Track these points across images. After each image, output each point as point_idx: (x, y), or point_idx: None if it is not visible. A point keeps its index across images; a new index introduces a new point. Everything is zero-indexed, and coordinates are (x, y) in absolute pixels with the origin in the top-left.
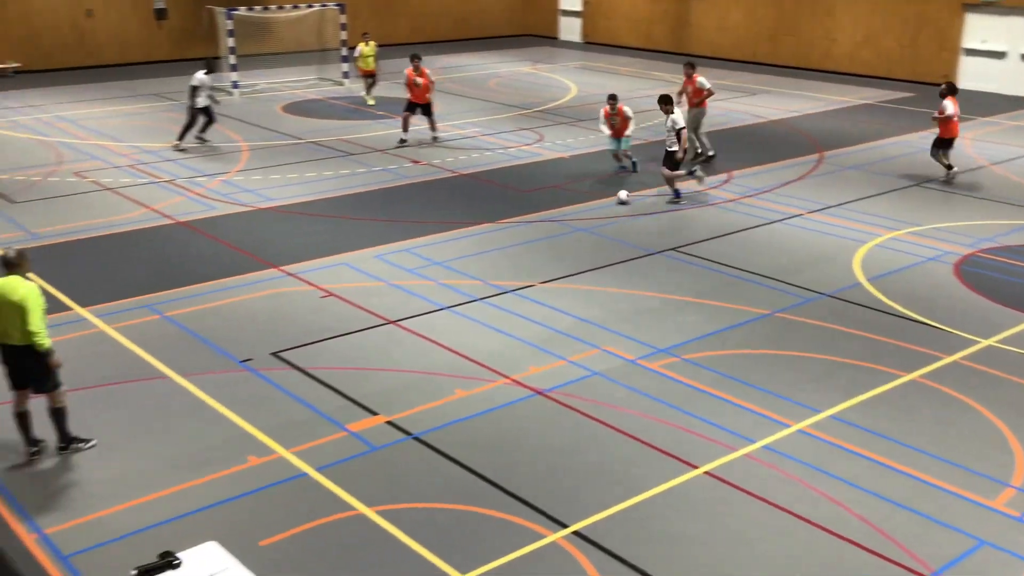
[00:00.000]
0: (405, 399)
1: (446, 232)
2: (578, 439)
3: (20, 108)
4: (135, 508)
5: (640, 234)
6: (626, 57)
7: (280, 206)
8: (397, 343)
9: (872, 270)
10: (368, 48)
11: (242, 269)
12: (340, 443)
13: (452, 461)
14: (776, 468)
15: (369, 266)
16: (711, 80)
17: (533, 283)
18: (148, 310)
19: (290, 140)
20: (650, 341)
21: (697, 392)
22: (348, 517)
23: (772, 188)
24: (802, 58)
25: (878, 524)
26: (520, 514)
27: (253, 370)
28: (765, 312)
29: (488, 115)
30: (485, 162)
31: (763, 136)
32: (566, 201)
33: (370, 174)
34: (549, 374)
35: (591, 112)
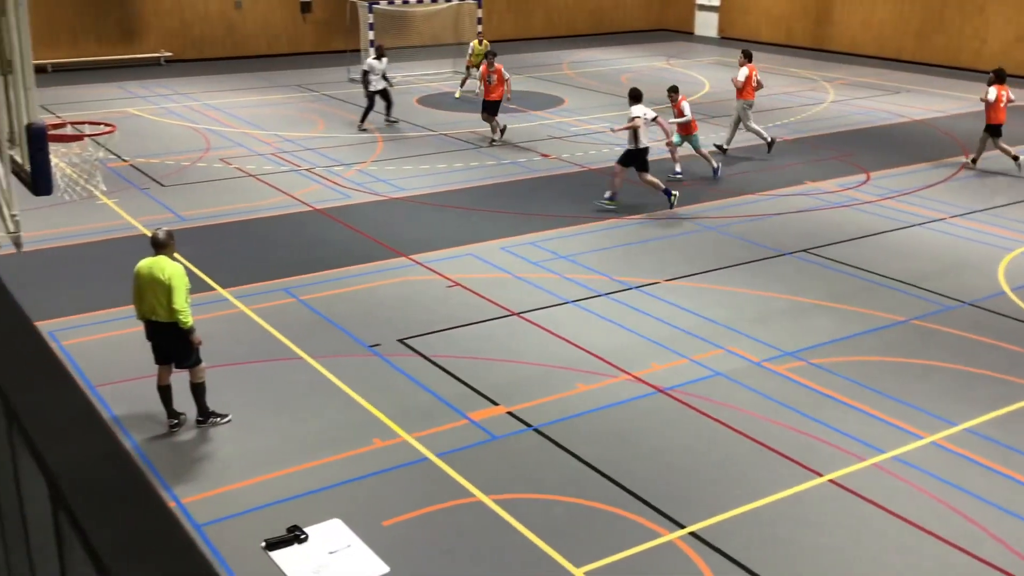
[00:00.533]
0: (526, 391)
1: (572, 226)
2: (698, 439)
3: (172, 96)
4: (265, 483)
5: (770, 234)
6: (763, 53)
7: (411, 196)
8: (520, 335)
9: (1018, 279)
10: (480, 47)
11: (373, 257)
12: (461, 431)
13: (571, 454)
14: (906, 480)
15: (495, 257)
16: (856, 77)
17: (658, 280)
18: (284, 293)
19: (423, 132)
20: (776, 343)
21: (824, 398)
22: (466, 503)
23: (913, 190)
24: (950, 57)
25: (1014, 545)
26: (637, 511)
27: (380, 355)
28: (900, 319)
29: (619, 110)
30: (615, 157)
31: (905, 136)
32: (695, 199)
33: (499, 167)
34: (671, 372)
35: (723, 109)
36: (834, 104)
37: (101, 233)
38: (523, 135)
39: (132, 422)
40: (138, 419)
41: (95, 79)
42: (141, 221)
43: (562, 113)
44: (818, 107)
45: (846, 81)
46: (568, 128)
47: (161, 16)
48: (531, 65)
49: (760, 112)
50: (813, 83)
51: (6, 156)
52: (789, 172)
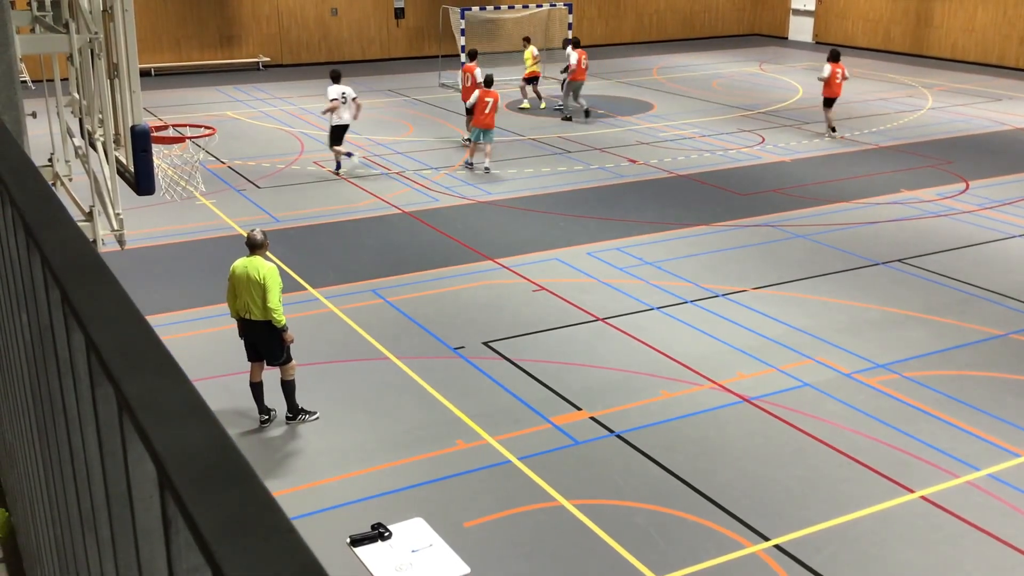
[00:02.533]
0: (609, 396)
1: (659, 232)
2: (785, 450)
3: (269, 100)
4: (351, 480)
5: (863, 243)
6: (859, 58)
7: (498, 200)
8: (604, 340)
9: None
10: (528, 52)
11: (460, 260)
12: (544, 435)
13: (653, 462)
14: (1001, 499)
15: (581, 263)
16: (957, 83)
17: (746, 288)
18: (372, 294)
19: (512, 136)
20: (868, 355)
21: (917, 412)
22: (548, 507)
23: (1014, 200)
24: None
25: None
26: (720, 522)
27: (465, 357)
28: (999, 333)
29: (709, 116)
30: (703, 163)
31: (1006, 144)
32: (785, 206)
33: (587, 172)
34: (758, 382)
35: (817, 115)
36: (932, 111)
37: (199, 232)
38: (611, 140)
39: (225, 417)
40: (230, 414)
41: (196, 83)
42: (237, 221)
43: (651, 119)
44: (916, 114)
45: (946, 87)
46: (657, 134)
47: (260, 22)
48: (621, 70)
49: (858, 118)
50: (911, 89)
51: (112, 156)
52: (884, 180)
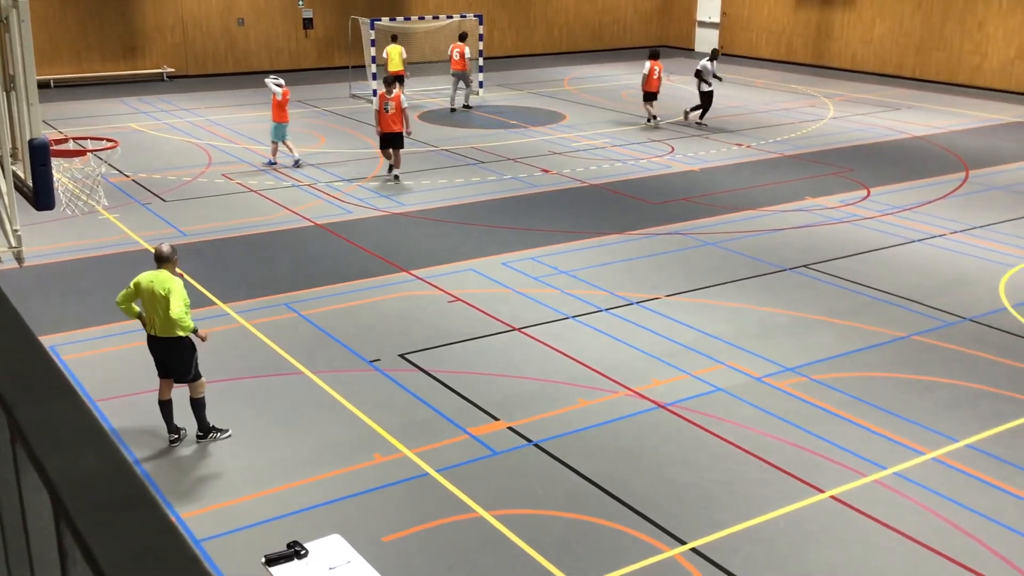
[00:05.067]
0: (527, 406)
1: (573, 242)
2: (699, 455)
3: (174, 111)
4: (266, 498)
5: (771, 250)
6: (763, 69)
7: (412, 212)
8: (521, 350)
9: (1019, 295)
10: (393, 48)
11: (374, 272)
12: (462, 446)
13: (572, 470)
14: (907, 497)
15: (496, 273)
16: (857, 93)
17: (659, 295)
18: (285, 308)
19: (424, 147)
20: (777, 359)
21: (826, 414)
22: (467, 519)
23: (913, 206)
24: (951, 73)
25: (1016, 562)
26: (638, 527)
27: (381, 370)
28: (901, 335)
29: (620, 126)
30: (615, 173)
31: (905, 152)
32: (695, 214)
33: (500, 182)
34: (672, 388)
35: (725, 124)
36: (834, 120)
37: (102, 248)
38: (524, 150)
39: (132, 437)
40: (138, 434)
41: (98, 95)
42: (143, 236)
43: (563, 129)
44: (819, 123)
45: (846, 97)
46: (569, 144)
47: (163, 32)
48: (532, 81)
49: (763, 128)
50: (813, 99)
51: (8, 171)
52: (790, 188)
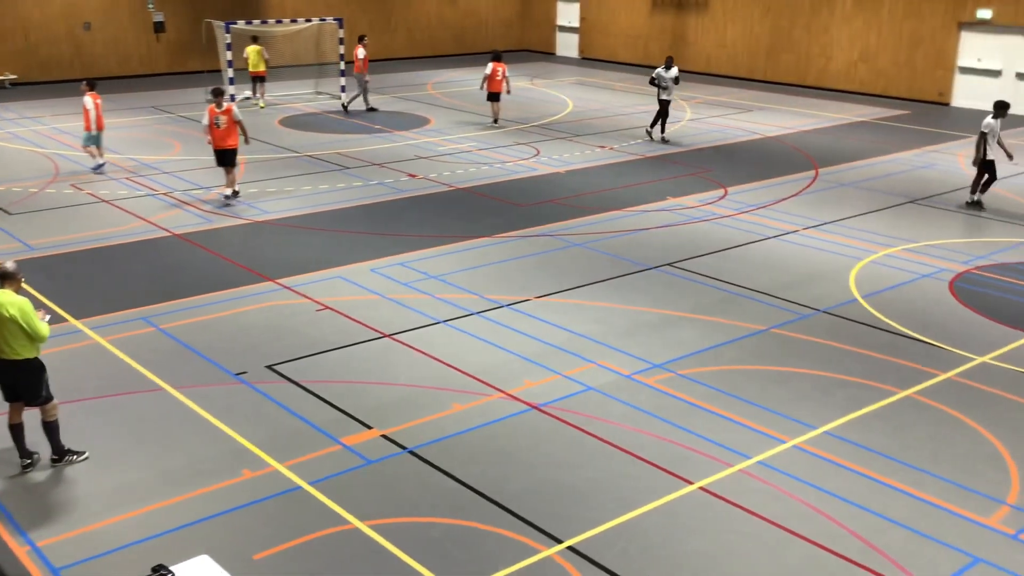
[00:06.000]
0: (400, 413)
1: (442, 246)
2: (573, 454)
3: (17, 120)
4: (128, 521)
5: (636, 249)
6: (623, 73)
7: (276, 219)
8: (393, 356)
9: (868, 287)
10: (253, 48)
11: (238, 282)
12: (335, 457)
13: (447, 475)
14: (771, 484)
15: (365, 279)
16: (712, 96)
17: (529, 297)
18: (143, 322)
19: (287, 154)
20: (646, 356)
21: (692, 407)
22: (342, 531)
23: (768, 204)
24: (799, 75)
25: (873, 541)
26: (515, 529)
27: (248, 383)
28: (761, 328)
29: (485, 129)
30: (482, 176)
31: (759, 152)
32: (562, 216)
33: (366, 188)
34: (545, 389)
35: (588, 127)
36: (692, 122)
37: None
38: (389, 155)
39: None
40: None
41: None
42: None
43: (428, 133)
44: (677, 125)
45: (702, 100)
46: (435, 148)
47: (3, 38)
48: (395, 85)
49: (624, 130)
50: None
51: None
52: (652, 188)
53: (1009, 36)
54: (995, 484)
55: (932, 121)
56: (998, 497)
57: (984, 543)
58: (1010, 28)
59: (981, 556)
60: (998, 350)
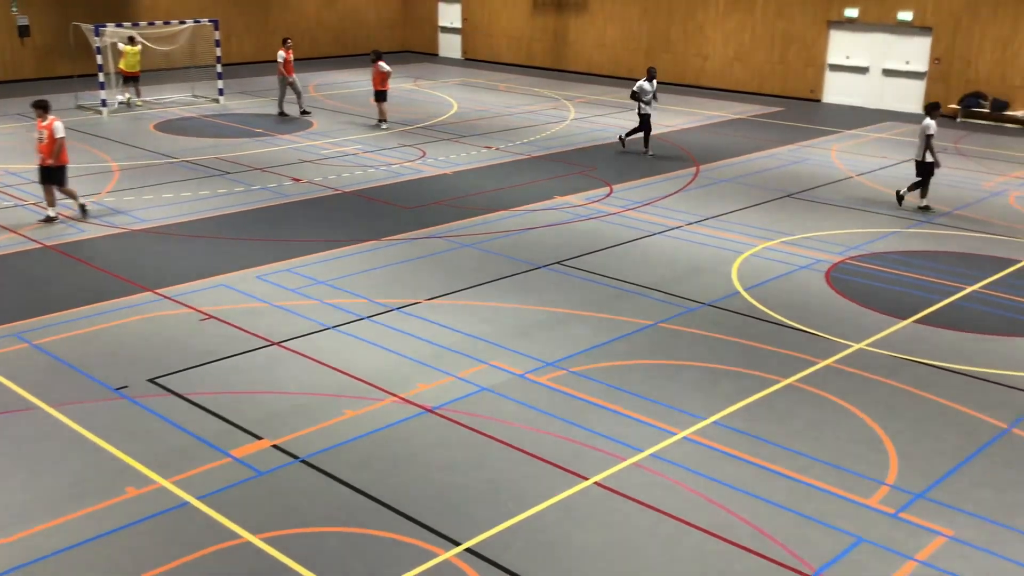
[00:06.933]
0: (291, 422)
1: (329, 251)
2: (469, 455)
3: None
4: (7, 546)
5: (525, 248)
6: (506, 74)
7: (155, 227)
8: (281, 365)
9: (749, 279)
10: (132, 49)
11: (115, 293)
12: (223, 470)
13: (341, 483)
14: (664, 476)
15: (250, 287)
16: (594, 95)
17: (419, 300)
18: (15, 339)
19: (164, 159)
20: (538, 355)
21: (585, 404)
22: (233, 546)
23: (652, 201)
24: (677, 75)
25: (762, 527)
26: (412, 534)
27: (129, 398)
28: (649, 323)
29: (369, 132)
30: (368, 179)
31: (641, 150)
32: (450, 217)
33: (249, 193)
34: (438, 391)
35: (474, 128)
36: (575, 121)
37: None
38: (272, 159)
39: None
40: None
41: None
42: None
43: (312, 136)
44: (561, 124)
45: (585, 99)
46: (319, 151)
47: None
48: (276, 88)
49: (510, 130)
50: (555, 102)
51: None
52: (539, 188)
53: (875, 34)
54: (875, 466)
55: (805, 117)
56: (878, 478)
57: (867, 523)
58: (876, 26)
59: (864, 536)
60: (873, 336)
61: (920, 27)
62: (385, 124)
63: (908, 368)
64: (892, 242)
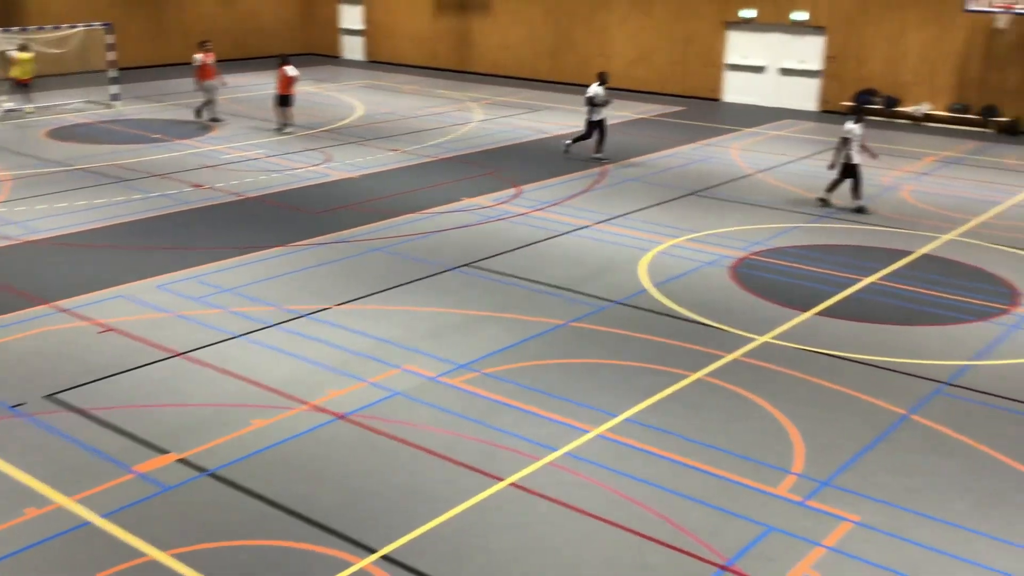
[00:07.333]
0: (198, 434)
1: (234, 258)
2: (383, 461)
3: None
4: None
5: (435, 251)
6: (410, 75)
7: (49, 238)
8: (186, 376)
9: (657, 276)
10: (25, 56)
11: (9, 308)
12: (128, 486)
13: (252, 495)
14: (579, 474)
15: (152, 297)
16: (500, 96)
17: (329, 305)
18: None
19: (57, 167)
20: (451, 357)
21: (499, 405)
22: (140, 564)
23: (560, 201)
24: (582, 75)
25: (675, 519)
26: (327, 543)
27: (25, 415)
28: (559, 322)
29: (273, 136)
30: (272, 184)
31: (548, 151)
32: (358, 221)
33: (148, 200)
34: (350, 397)
35: (379, 131)
36: (481, 123)
37: None
38: (172, 165)
39: None
40: None
41: None
42: None
43: (212, 141)
44: (468, 126)
45: (490, 100)
46: (221, 156)
47: None
48: (173, 92)
49: (416, 132)
50: (460, 103)
51: None
52: (446, 190)
53: (771, 34)
54: (782, 455)
55: (706, 116)
56: (785, 467)
57: (776, 512)
58: (772, 26)
59: (774, 524)
60: (777, 329)
61: (814, 27)
62: (289, 128)
63: (811, 359)
64: (793, 237)
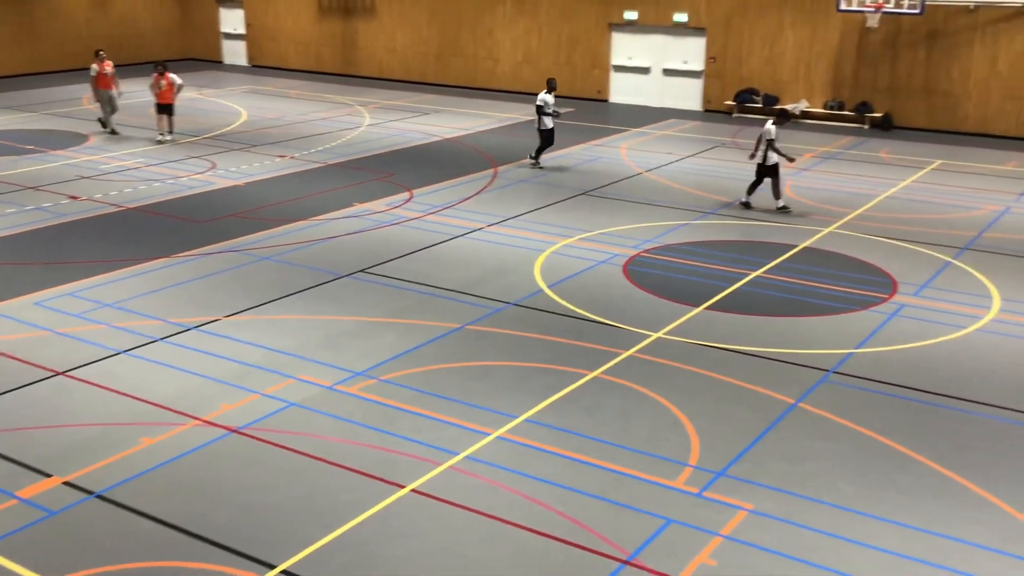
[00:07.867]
0: (83, 456)
1: (116, 271)
2: (280, 474)
3: None
4: None
5: (328, 258)
6: (296, 80)
7: None
8: (69, 395)
9: (551, 276)
10: None
11: None
12: (10, 513)
13: (143, 516)
14: (479, 477)
15: (28, 315)
16: (388, 100)
17: (218, 317)
18: None
19: None
20: (346, 365)
21: (397, 411)
22: None
23: (452, 204)
24: (469, 78)
25: (577, 517)
26: (223, 561)
27: None
28: (456, 326)
29: (153, 144)
30: (154, 194)
31: (438, 154)
32: (246, 230)
33: (21, 214)
34: (243, 410)
35: (265, 136)
36: (371, 127)
37: None
38: (46, 177)
39: None
40: None
41: None
42: None
43: (89, 151)
44: (357, 131)
45: (379, 104)
46: (98, 166)
47: None
48: (45, 101)
49: (303, 138)
50: (348, 107)
51: None
52: (337, 195)
53: (654, 36)
54: (678, 448)
55: (594, 117)
56: (682, 460)
57: (674, 504)
58: (654, 28)
59: (672, 517)
60: (670, 324)
61: (695, 28)
62: (171, 136)
63: (703, 353)
64: (682, 234)
